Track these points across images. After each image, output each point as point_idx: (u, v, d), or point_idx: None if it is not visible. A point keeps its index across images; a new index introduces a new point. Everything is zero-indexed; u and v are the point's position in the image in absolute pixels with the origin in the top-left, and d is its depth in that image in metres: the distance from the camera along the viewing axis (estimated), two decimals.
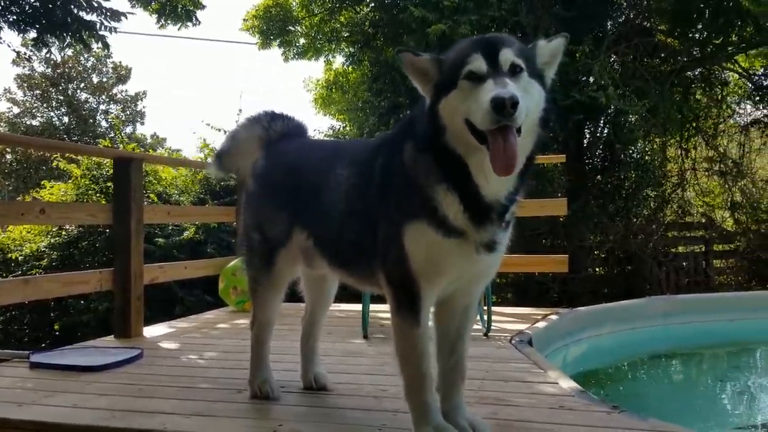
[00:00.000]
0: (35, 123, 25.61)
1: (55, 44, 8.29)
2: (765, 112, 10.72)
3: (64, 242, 7.73)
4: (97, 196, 7.88)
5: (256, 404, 2.74)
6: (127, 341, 4.30)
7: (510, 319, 5.00)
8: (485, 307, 4.39)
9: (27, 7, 7.70)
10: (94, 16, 8.02)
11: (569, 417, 2.49)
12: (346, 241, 2.40)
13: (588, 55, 8.52)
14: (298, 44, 12.09)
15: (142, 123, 28.74)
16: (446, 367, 2.30)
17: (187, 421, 2.52)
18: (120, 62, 27.20)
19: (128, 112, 27.60)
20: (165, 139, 28.16)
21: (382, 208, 2.18)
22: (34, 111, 26.03)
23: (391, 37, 9.69)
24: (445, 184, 2.01)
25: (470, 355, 2.37)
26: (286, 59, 12.20)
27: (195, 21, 9.49)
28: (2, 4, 7.61)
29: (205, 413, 2.61)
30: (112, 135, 22.38)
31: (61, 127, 25.75)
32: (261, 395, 2.77)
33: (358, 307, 4.68)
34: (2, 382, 3.20)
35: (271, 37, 11.74)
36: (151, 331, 4.68)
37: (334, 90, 12.71)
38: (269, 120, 2.92)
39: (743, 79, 10.99)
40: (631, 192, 9.77)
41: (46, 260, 7.56)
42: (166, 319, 5.36)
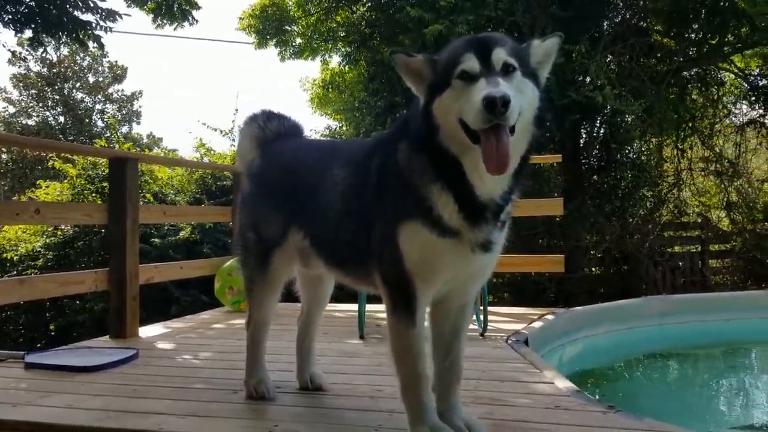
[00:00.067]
0: (31, 123, 25.56)
1: (51, 43, 8.26)
2: (761, 112, 10.74)
3: (60, 242, 7.72)
4: (93, 195, 7.86)
5: (252, 405, 2.73)
6: (122, 341, 4.29)
7: (506, 319, 5.01)
8: (481, 307, 4.39)
9: (22, 7, 7.67)
10: (89, 16, 8.00)
11: (565, 417, 2.49)
12: (343, 241, 2.39)
13: (584, 55, 8.53)
14: (294, 44, 12.10)
15: (138, 122, 28.76)
16: (442, 367, 2.30)
17: (183, 421, 2.51)
18: (116, 62, 27.20)
19: (124, 112, 27.56)
20: (161, 139, 28.19)
21: (378, 208, 2.18)
22: (29, 110, 25.98)
23: (387, 37, 9.69)
24: (439, 184, 2.01)
25: (466, 355, 2.37)
26: (283, 59, 12.21)
27: (191, 20, 9.46)
28: None
29: (201, 414, 2.61)
30: (108, 135, 22.33)
31: (57, 127, 25.70)
32: (257, 395, 2.77)
33: (354, 307, 4.68)
34: None
35: (268, 37, 11.74)
36: (147, 332, 4.67)
37: (330, 90, 12.71)
38: (265, 119, 2.92)
39: (739, 79, 11.02)
40: (628, 192, 9.78)
41: (42, 260, 7.55)
42: (161, 320, 5.36)
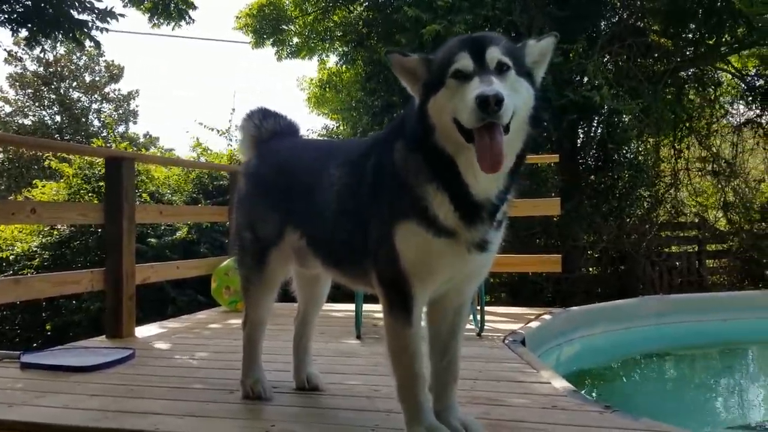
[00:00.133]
0: (27, 122, 25.49)
1: (48, 43, 8.24)
2: (758, 112, 10.76)
3: (56, 242, 7.70)
4: (89, 195, 7.85)
5: (249, 405, 2.73)
6: (118, 341, 4.28)
7: (503, 319, 5.00)
8: (478, 307, 4.39)
9: (19, 6, 7.65)
10: (85, 16, 7.97)
11: (562, 417, 2.49)
12: (339, 241, 2.39)
13: (582, 55, 8.54)
14: (291, 43, 12.08)
15: (135, 122, 28.69)
16: (439, 367, 2.29)
17: (179, 421, 2.51)
18: (112, 61, 27.14)
19: (121, 111, 27.51)
20: (158, 139, 28.14)
21: (374, 208, 2.18)
22: (26, 110, 25.90)
23: (384, 37, 9.69)
24: (435, 184, 2.01)
25: (463, 355, 2.36)
26: (280, 58, 12.19)
27: (188, 20, 9.44)
28: None
29: (197, 414, 2.60)
30: (105, 134, 22.31)
31: (53, 126, 25.63)
32: (253, 395, 2.77)
33: (351, 306, 4.67)
34: None
35: (265, 36, 11.73)
36: (143, 332, 4.66)
37: (327, 89, 12.70)
38: (261, 118, 2.91)
39: (736, 80, 11.03)
40: (625, 192, 9.78)
41: (38, 260, 7.53)
42: (158, 319, 5.35)
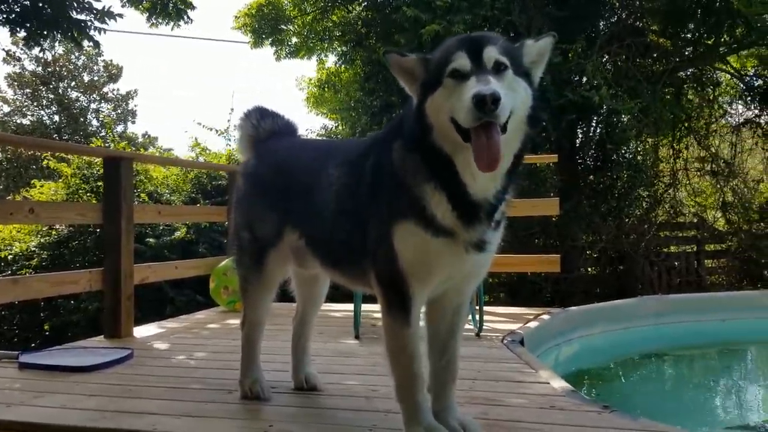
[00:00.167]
0: (25, 122, 25.44)
1: (46, 42, 8.22)
2: (756, 112, 10.76)
3: (54, 242, 7.70)
4: (88, 195, 7.84)
5: (247, 405, 2.72)
6: (117, 341, 4.27)
7: (502, 319, 5.00)
8: (477, 307, 4.39)
9: (17, 6, 7.64)
10: (84, 16, 7.95)
11: (560, 417, 2.49)
12: (338, 241, 2.39)
13: (580, 55, 8.54)
14: (290, 43, 12.07)
15: (134, 122, 28.66)
16: (438, 366, 2.29)
17: (177, 421, 2.50)
18: (111, 60, 27.07)
19: (119, 111, 27.48)
20: (156, 138, 28.08)
21: (372, 208, 2.18)
22: (24, 110, 25.85)
23: (383, 37, 9.68)
24: (432, 183, 2.00)
25: (462, 355, 2.36)
26: (278, 58, 12.18)
27: (187, 20, 9.42)
28: None
29: (195, 414, 2.60)
30: (104, 134, 22.28)
31: (52, 126, 25.60)
32: (251, 396, 2.76)
33: (349, 306, 4.67)
34: None
35: (263, 36, 11.71)
36: (142, 332, 4.66)
37: (326, 89, 12.69)
38: (258, 118, 2.91)
39: (735, 80, 11.03)
40: (624, 192, 9.78)
41: (36, 260, 7.52)
42: (156, 320, 5.34)
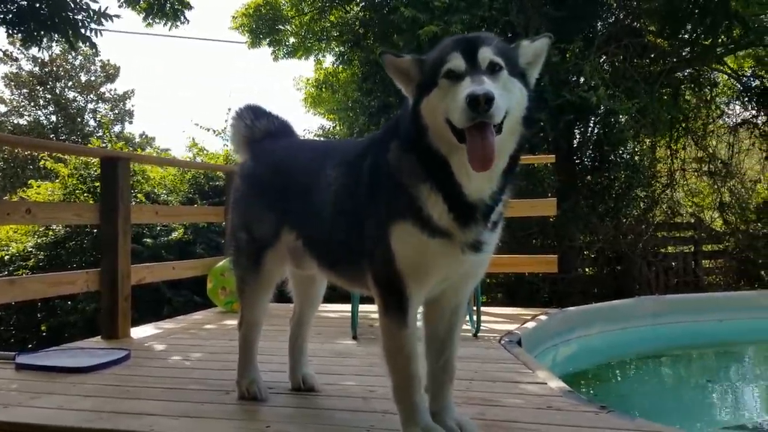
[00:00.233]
0: (22, 122, 25.41)
1: (43, 43, 8.21)
2: (753, 112, 10.79)
3: (51, 242, 7.68)
4: (85, 195, 7.83)
5: (244, 405, 2.72)
6: (114, 342, 4.27)
7: (499, 320, 5.01)
8: (474, 307, 4.39)
9: (13, 7, 7.62)
10: (80, 17, 7.93)
11: (557, 417, 2.49)
12: (335, 242, 2.38)
13: (578, 56, 8.54)
14: (287, 43, 12.07)
15: (131, 122, 28.62)
16: (435, 367, 2.29)
17: (175, 422, 2.50)
18: (108, 61, 27.01)
19: (116, 111, 27.44)
20: (154, 139, 28.05)
21: (370, 208, 2.17)
22: (21, 110, 25.82)
23: (381, 37, 9.68)
24: (428, 184, 2.00)
25: (459, 356, 2.36)
26: (276, 58, 12.18)
27: (183, 20, 9.42)
28: None
29: (193, 414, 2.60)
30: (101, 134, 22.25)
31: (49, 126, 25.57)
32: (249, 396, 2.76)
33: (347, 307, 4.67)
34: None
35: (261, 36, 11.71)
36: (139, 332, 4.65)
37: (324, 89, 12.69)
38: (252, 117, 2.90)
39: (732, 80, 11.06)
40: (621, 192, 9.79)
41: (33, 260, 7.51)
42: (153, 320, 5.34)
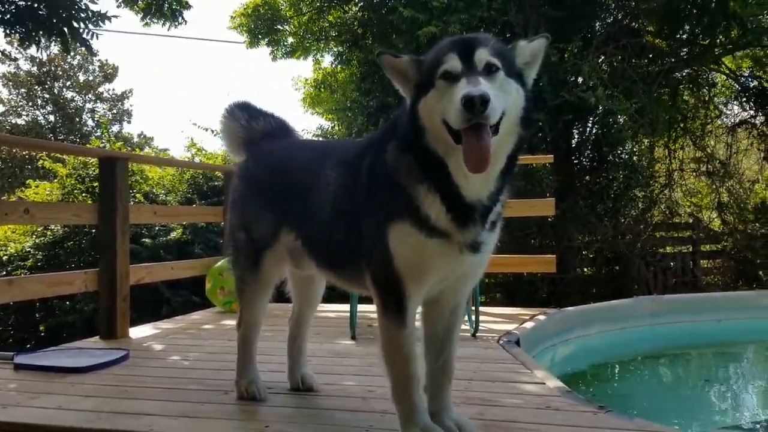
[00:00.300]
0: (21, 122, 25.41)
1: (41, 43, 8.20)
2: (751, 113, 10.79)
3: (50, 242, 7.67)
4: (83, 195, 7.82)
5: (243, 405, 2.72)
6: (112, 342, 4.26)
7: (498, 320, 5.01)
8: (473, 307, 4.39)
9: (12, 7, 7.61)
10: (79, 21, 7.92)
11: (556, 417, 2.49)
12: (335, 242, 2.38)
13: (577, 56, 8.55)
14: (286, 43, 12.07)
15: (129, 122, 28.62)
16: (434, 367, 2.29)
17: (174, 422, 2.50)
18: (106, 60, 27.04)
19: (115, 111, 27.43)
20: (152, 138, 28.07)
21: (368, 209, 2.17)
22: (19, 109, 25.82)
23: (380, 37, 9.68)
24: (426, 185, 2.00)
25: (458, 356, 2.36)
26: (275, 58, 12.18)
27: (181, 20, 9.41)
28: None
29: (192, 414, 2.60)
30: (99, 134, 22.24)
31: (47, 126, 25.56)
32: (248, 396, 2.76)
33: (346, 307, 4.67)
34: None
35: (259, 36, 11.71)
36: (138, 332, 4.65)
37: (322, 89, 12.69)
38: (248, 118, 2.89)
39: (730, 80, 11.07)
40: (620, 192, 9.80)
41: (31, 260, 7.50)
42: (152, 320, 5.34)
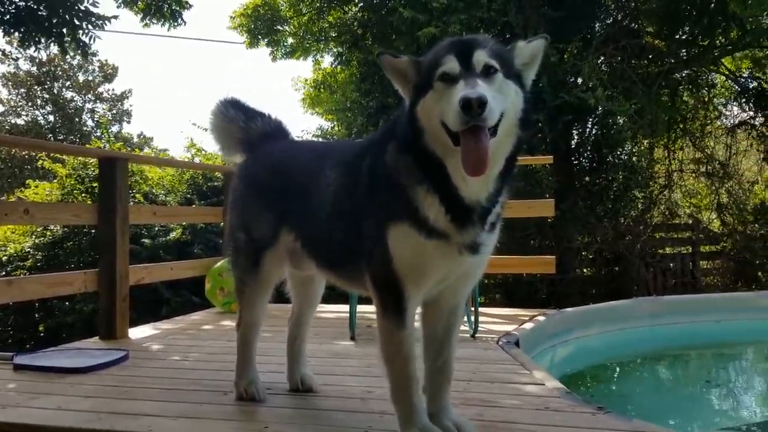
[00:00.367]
0: (20, 122, 25.40)
1: (41, 44, 8.21)
2: (751, 114, 10.80)
3: (49, 243, 7.67)
4: (83, 196, 7.83)
5: (242, 406, 2.72)
6: (112, 343, 4.26)
7: (497, 320, 5.01)
8: (472, 308, 4.39)
9: (11, 7, 7.61)
10: (82, 25, 7.92)
11: (554, 418, 2.49)
12: (335, 242, 2.38)
13: (576, 56, 8.55)
14: (286, 44, 12.09)
15: (129, 122, 28.62)
16: (433, 368, 2.29)
17: (173, 423, 2.50)
18: (106, 60, 27.04)
19: (114, 111, 27.42)
20: (152, 139, 28.08)
21: (368, 209, 2.17)
22: (18, 110, 25.80)
23: (379, 38, 9.69)
24: (425, 186, 2.00)
25: (457, 357, 2.36)
26: (274, 59, 12.20)
27: (181, 21, 9.43)
28: None
29: (191, 415, 2.59)
30: (99, 134, 22.23)
31: (47, 126, 25.55)
32: (247, 397, 2.76)
33: (345, 308, 4.67)
34: None
35: (259, 36, 11.73)
36: (137, 333, 4.65)
37: (322, 90, 12.70)
38: (246, 119, 2.89)
39: (730, 81, 11.07)
40: (619, 193, 9.80)
41: (31, 261, 7.50)
42: (152, 321, 5.34)
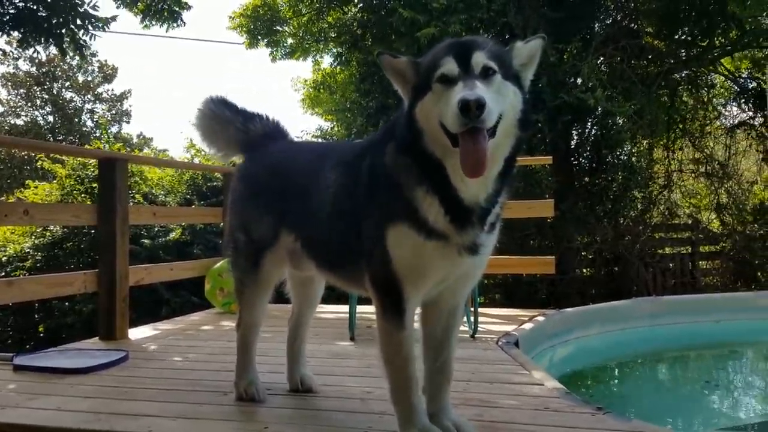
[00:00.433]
0: (19, 122, 25.40)
1: (41, 44, 8.21)
2: (750, 114, 10.81)
3: (49, 243, 7.67)
4: (83, 196, 7.83)
5: (242, 406, 2.72)
6: (112, 343, 4.26)
7: (497, 321, 5.01)
8: (472, 308, 4.39)
9: (11, 8, 7.62)
10: (82, 22, 7.92)
11: (554, 418, 2.49)
12: (334, 243, 2.39)
13: (576, 57, 8.55)
14: (285, 44, 12.09)
15: (128, 122, 28.61)
16: (433, 368, 2.29)
17: (173, 423, 2.50)
18: (105, 61, 27.05)
19: (114, 112, 27.42)
20: (151, 139, 28.11)
21: (367, 210, 2.18)
22: (18, 110, 25.80)
23: (379, 38, 9.68)
24: (424, 187, 2.01)
25: (456, 357, 2.37)
26: (274, 59, 12.20)
27: (180, 22, 9.43)
28: None
29: (191, 416, 2.60)
30: (98, 134, 22.23)
31: (46, 127, 25.55)
32: (247, 397, 2.76)
33: (345, 308, 4.67)
34: None
35: (259, 37, 11.73)
36: (137, 333, 4.65)
37: (322, 90, 12.70)
38: (244, 120, 2.89)
39: (729, 82, 11.08)
40: (619, 193, 9.80)
41: (30, 261, 7.50)
42: (151, 321, 5.34)
